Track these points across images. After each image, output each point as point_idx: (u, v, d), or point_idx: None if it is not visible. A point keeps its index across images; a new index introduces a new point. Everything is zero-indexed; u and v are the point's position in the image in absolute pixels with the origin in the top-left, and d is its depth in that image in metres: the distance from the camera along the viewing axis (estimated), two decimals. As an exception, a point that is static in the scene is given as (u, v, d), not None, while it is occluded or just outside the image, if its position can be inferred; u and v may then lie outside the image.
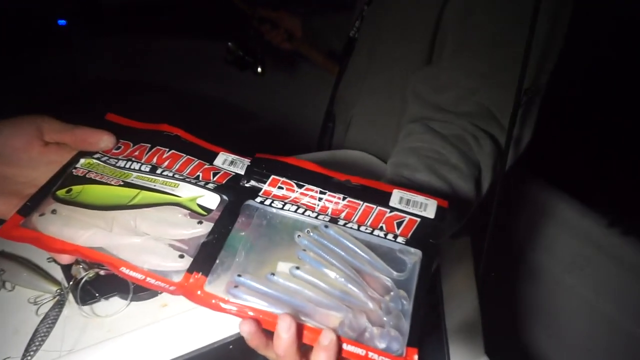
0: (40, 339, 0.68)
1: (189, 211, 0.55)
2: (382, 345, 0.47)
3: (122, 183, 0.58)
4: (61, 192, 0.57)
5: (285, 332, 0.47)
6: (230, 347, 0.68)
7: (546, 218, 1.41)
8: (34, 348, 0.67)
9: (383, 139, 1.03)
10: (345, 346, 0.47)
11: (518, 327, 1.53)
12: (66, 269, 0.71)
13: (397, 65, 0.97)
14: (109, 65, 1.24)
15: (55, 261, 0.73)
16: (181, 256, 0.52)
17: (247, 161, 0.61)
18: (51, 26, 1.43)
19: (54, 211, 0.56)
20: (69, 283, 0.71)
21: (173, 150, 0.61)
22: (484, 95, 0.78)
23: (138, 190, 0.57)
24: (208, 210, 0.55)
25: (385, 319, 0.48)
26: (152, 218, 0.55)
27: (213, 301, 0.50)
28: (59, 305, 0.71)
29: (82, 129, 0.61)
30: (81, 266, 0.71)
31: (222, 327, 0.70)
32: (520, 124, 0.80)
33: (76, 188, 0.57)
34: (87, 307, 0.71)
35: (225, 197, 0.57)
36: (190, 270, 0.51)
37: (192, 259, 0.51)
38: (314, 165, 0.60)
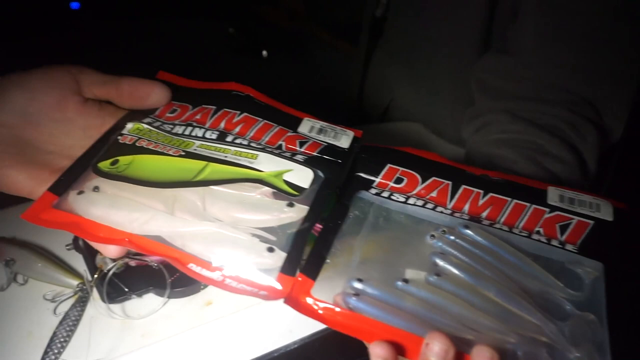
0: (59, 344, 0.56)
1: (274, 190, 0.44)
2: None
3: (182, 153, 0.46)
4: (104, 164, 0.45)
5: (438, 356, 0.34)
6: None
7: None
8: (53, 356, 0.55)
9: (431, 126, 0.95)
10: None
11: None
12: (90, 258, 0.59)
13: (445, 47, 0.87)
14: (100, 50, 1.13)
15: (77, 249, 0.60)
16: (270, 249, 0.40)
17: (340, 130, 0.50)
18: (63, 9, 1.30)
19: (96, 188, 0.43)
20: (92, 276, 0.58)
21: (245, 113, 0.49)
22: (577, 86, 0.68)
23: (205, 162, 0.45)
24: (299, 189, 0.44)
25: (576, 353, 0.36)
26: (225, 198, 0.43)
27: (322, 311, 0.38)
28: (81, 303, 0.59)
29: (129, 79, 0.49)
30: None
31: (281, 334, 0.58)
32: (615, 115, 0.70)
33: (124, 159, 0.45)
34: (116, 306, 0.59)
35: (320, 173, 0.45)
36: (286, 269, 0.39)
37: (285, 254, 0.39)
38: (439, 156, 0.50)
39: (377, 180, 0.47)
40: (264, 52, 1.29)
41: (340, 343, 0.55)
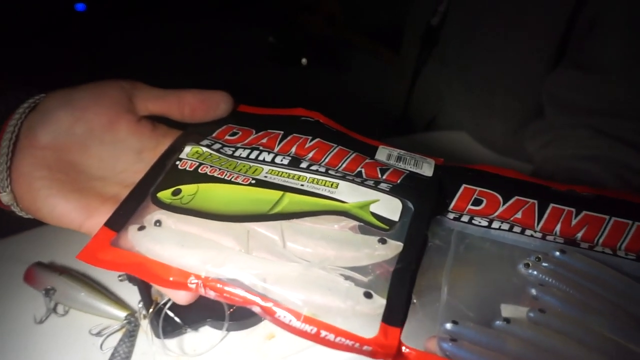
0: (109, 384, 0.50)
1: (361, 223, 0.38)
2: None
3: (252, 181, 0.40)
4: (165, 195, 0.39)
5: None
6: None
7: None
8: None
9: (479, 136, 0.92)
10: None
11: None
12: (145, 291, 0.54)
13: (510, 59, 0.82)
14: (134, 52, 1.09)
15: (131, 280, 0.55)
16: (367, 295, 0.34)
17: (419, 158, 0.45)
18: (68, 11, 1.26)
19: (157, 222, 0.38)
20: (148, 310, 0.53)
21: (318, 139, 0.44)
22: None
23: (282, 192, 0.39)
24: (389, 223, 0.38)
25: None
26: (308, 234, 0.38)
27: None
28: (130, 337, 0.54)
29: (193, 91, 0.44)
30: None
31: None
32: None
33: (187, 189, 0.40)
34: (170, 341, 0.54)
35: (409, 204, 0.39)
36: (389, 319, 0.34)
37: (384, 301, 0.34)
38: (518, 173, 0.45)
39: (453, 203, 0.42)
40: (304, 60, 1.26)
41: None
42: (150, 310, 0.53)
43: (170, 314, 0.53)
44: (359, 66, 1.31)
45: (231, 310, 0.53)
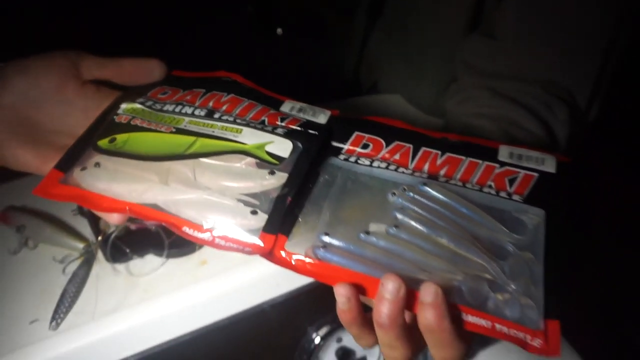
0: (69, 299, 0.62)
1: (257, 160, 0.49)
2: (512, 315, 0.40)
3: (173, 130, 0.51)
4: (103, 142, 0.50)
5: (391, 293, 0.39)
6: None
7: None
8: (64, 309, 0.61)
9: (413, 100, 1.00)
10: (465, 316, 0.40)
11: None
12: (94, 223, 0.65)
13: (435, 27, 0.91)
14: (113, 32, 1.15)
15: (82, 214, 0.66)
16: (253, 212, 0.46)
17: (318, 109, 0.54)
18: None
19: (97, 164, 0.49)
20: (97, 238, 0.64)
21: (232, 94, 0.55)
22: (552, 73, 0.73)
23: (195, 137, 0.50)
24: (279, 159, 0.49)
25: (512, 286, 0.42)
26: (213, 169, 0.49)
27: (295, 262, 0.44)
28: (87, 263, 0.65)
29: (130, 59, 0.54)
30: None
31: (269, 288, 0.65)
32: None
33: (120, 137, 0.50)
34: (120, 265, 0.65)
35: (299, 144, 0.50)
36: (267, 229, 0.45)
37: (266, 216, 0.45)
38: (403, 123, 0.54)
39: (346, 147, 0.52)
40: (279, 30, 1.31)
41: (321, 296, 0.62)
42: (99, 238, 0.64)
43: (119, 243, 0.64)
44: (330, 36, 1.37)
45: (170, 240, 0.65)
